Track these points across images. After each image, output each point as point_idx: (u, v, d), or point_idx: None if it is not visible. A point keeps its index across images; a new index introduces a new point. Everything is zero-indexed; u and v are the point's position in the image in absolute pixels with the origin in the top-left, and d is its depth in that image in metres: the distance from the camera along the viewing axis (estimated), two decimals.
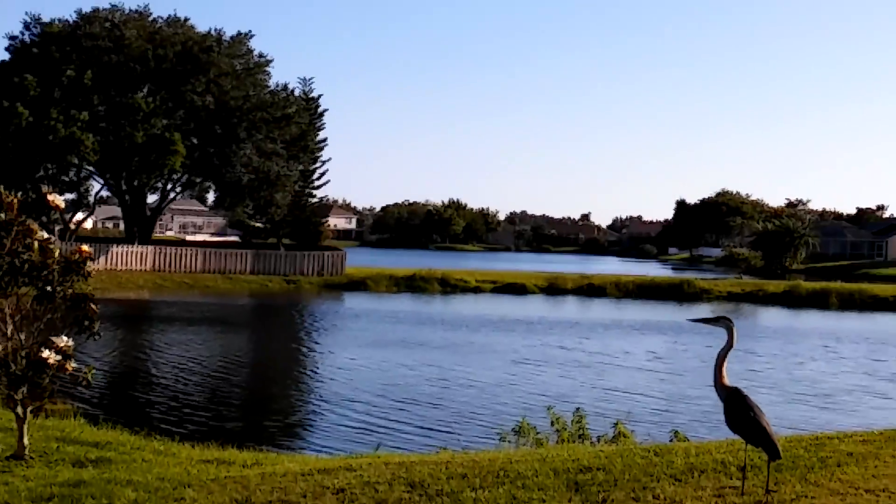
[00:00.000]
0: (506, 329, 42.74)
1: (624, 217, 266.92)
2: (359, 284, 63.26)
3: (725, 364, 8.36)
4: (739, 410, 8.15)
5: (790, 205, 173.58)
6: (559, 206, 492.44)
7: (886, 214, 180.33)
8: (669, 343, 39.94)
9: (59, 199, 10.11)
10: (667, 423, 20.19)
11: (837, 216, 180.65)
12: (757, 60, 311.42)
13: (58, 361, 9.17)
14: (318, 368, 31.41)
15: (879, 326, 51.67)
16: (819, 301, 62.96)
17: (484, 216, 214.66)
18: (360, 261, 75.69)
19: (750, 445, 8.24)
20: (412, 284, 64.21)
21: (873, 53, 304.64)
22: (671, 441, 13.43)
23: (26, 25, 65.16)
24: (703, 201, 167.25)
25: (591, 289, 65.92)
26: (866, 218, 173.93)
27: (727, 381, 8.37)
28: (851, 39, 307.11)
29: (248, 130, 65.32)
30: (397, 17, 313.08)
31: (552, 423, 15.06)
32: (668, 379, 30.05)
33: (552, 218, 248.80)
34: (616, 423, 14.97)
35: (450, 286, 65.02)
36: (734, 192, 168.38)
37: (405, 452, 14.73)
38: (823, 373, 32.54)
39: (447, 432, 20.17)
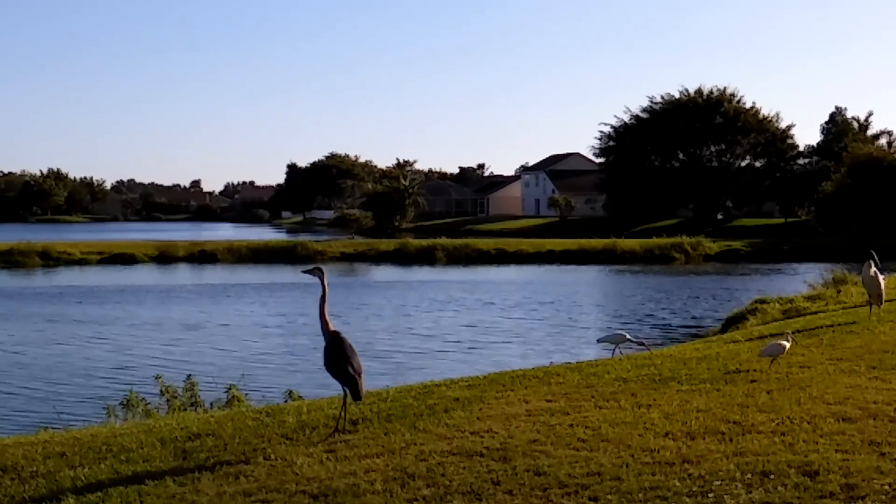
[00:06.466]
0: (113, 300, 41.02)
1: (236, 183, 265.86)
2: None
3: (326, 308, 8.46)
4: (333, 352, 8.27)
5: (399, 165, 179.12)
6: (169, 173, 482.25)
7: (486, 173, 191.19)
8: (284, 303, 39.90)
9: None
10: (284, 384, 20.01)
11: (442, 175, 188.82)
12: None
13: None
14: None
15: (479, 277, 54.30)
16: (427, 257, 65.75)
17: (88, 186, 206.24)
18: None
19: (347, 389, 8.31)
20: (10, 260, 60.11)
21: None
22: (286, 402, 13.27)
23: None
24: (314, 164, 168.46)
25: (203, 255, 64.99)
26: (468, 177, 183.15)
27: (331, 325, 8.45)
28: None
29: None
30: None
31: (162, 393, 14.48)
32: (284, 340, 29.86)
33: (162, 186, 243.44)
34: (229, 388, 14.63)
35: (52, 259, 61.69)
36: (344, 155, 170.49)
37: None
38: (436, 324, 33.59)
39: (52, 412, 18.92)
